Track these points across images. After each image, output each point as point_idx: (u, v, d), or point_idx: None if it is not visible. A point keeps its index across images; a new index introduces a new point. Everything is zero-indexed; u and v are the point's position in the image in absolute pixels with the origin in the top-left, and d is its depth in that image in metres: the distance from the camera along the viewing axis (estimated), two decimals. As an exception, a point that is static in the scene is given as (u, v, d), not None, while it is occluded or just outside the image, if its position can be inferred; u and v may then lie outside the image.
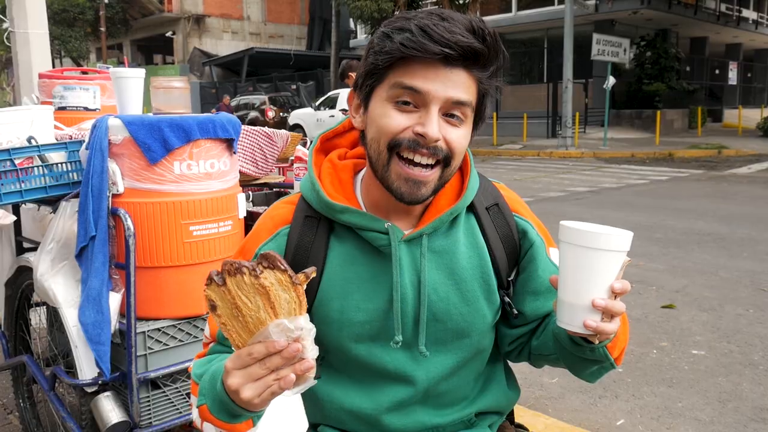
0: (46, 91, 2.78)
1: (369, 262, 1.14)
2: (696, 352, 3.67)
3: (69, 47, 30.46)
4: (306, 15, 35.55)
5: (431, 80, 1.03)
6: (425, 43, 1.00)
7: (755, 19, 28.62)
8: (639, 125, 21.56)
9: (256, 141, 2.48)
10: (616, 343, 1.10)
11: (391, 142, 1.06)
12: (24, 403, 2.60)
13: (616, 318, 1.00)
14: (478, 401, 1.26)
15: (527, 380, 3.31)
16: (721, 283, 5.00)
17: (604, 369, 1.15)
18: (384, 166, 1.08)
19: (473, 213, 1.20)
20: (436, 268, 1.15)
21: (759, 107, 26.25)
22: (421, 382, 1.17)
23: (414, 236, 1.13)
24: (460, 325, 1.16)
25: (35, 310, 2.53)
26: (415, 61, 1.03)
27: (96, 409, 1.93)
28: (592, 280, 0.97)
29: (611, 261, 0.97)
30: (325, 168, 1.19)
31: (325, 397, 1.20)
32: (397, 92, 1.05)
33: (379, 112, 1.07)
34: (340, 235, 1.16)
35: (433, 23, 1.01)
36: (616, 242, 0.96)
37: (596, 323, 0.97)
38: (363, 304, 1.13)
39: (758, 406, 3.02)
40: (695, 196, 9.53)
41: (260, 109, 20.84)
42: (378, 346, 1.15)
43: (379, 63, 1.05)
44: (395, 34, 1.03)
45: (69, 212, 1.99)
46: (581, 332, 1.00)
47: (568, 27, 16.86)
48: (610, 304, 0.97)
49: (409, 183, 1.06)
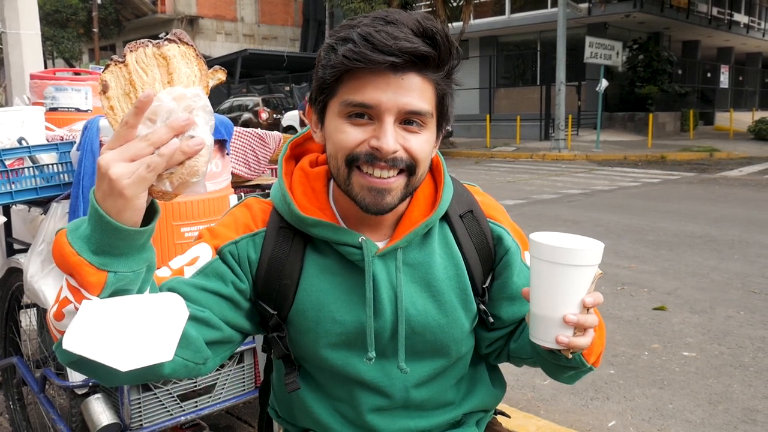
0: (38, 91, 2.77)
1: (347, 274, 1.11)
2: (687, 354, 3.69)
3: (61, 48, 30.35)
4: (300, 16, 35.54)
5: (382, 90, 0.98)
6: (368, 53, 0.96)
7: (746, 23, 28.82)
8: (631, 128, 21.65)
9: (248, 142, 2.48)
10: (593, 350, 1.08)
11: (348, 157, 1.02)
12: (14, 405, 2.59)
13: (589, 331, 0.98)
14: (465, 404, 1.25)
15: (519, 382, 3.32)
16: (712, 285, 5.02)
17: (582, 372, 1.14)
18: (345, 180, 1.04)
19: (447, 222, 1.17)
20: (412, 281, 1.13)
21: (750, 110, 26.45)
22: (398, 392, 1.15)
23: (388, 250, 1.10)
24: (438, 336, 1.14)
25: (25, 312, 2.52)
26: (363, 72, 0.98)
27: (86, 411, 1.92)
28: (564, 295, 0.95)
29: (583, 276, 0.95)
30: (297, 177, 1.15)
31: (311, 403, 1.19)
32: (347, 109, 1.01)
33: (333, 127, 1.04)
34: (317, 246, 1.13)
35: (376, 30, 0.97)
36: (587, 257, 0.94)
37: (568, 339, 0.96)
38: (339, 316, 1.11)
39: (748, 408, 3.04)
40: (687, 199, 9.57)
41: (254, 110, 20.79)
42: (354, 356, 1.13)
43: (327, 77, 1.01)
44: (339, 45, 0.99)
45: (60, 213, 1.99)
46: (554, 347, 0.98)
47: (561, 30, 16.92)
48: (582, 319, 0.95)
49: (372, 192, 1.03)
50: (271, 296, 1.12)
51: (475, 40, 24.68)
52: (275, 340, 1.14)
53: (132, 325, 0.80)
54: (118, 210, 0.78)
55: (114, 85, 0.79)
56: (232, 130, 2.15)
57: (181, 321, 0.86)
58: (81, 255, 0.82)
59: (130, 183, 0.75)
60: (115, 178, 0.75)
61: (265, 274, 1.11)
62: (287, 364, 1.17)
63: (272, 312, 1.12)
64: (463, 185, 1.24)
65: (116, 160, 0.75)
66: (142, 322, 0.81)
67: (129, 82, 0.78)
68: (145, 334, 0.81)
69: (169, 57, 0.78)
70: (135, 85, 0.77)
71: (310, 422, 1.22)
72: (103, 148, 0.77)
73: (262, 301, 1.12)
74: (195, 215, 2.00)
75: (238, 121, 19.06)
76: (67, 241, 0.83)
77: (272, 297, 1.12)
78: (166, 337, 0.82)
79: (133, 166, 0.75)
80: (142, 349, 0.79)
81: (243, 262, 1.11)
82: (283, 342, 1.14)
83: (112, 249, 0.82)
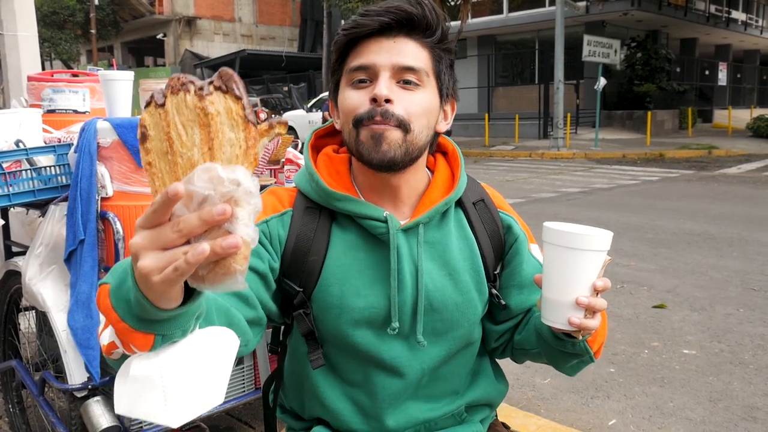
0: (35, 93, 2.76)
1: (370, 250, 1.16)
2: (687, 352, 3.69)
3: (59, 49, 30.31)
4: (297, 17, 35.51)
5: (375, 53, 1.09)
6: (360, 20, 1.10)
7: (744, 20, 28.83)
8: (630, 126, 21.66)
9: (246, 143, 2.48)
10: (596, 338, 1.14)
11: (354, 119, 1.10)
12: (13, 409, 2.59)
13: (598, 314, 1.05)
14: (468, 394, 1.27)
15: (519, 381, 3.32)
16: (712, 283, 5.02)
17: (583, 363, 1.18)
18: (354, 141, 1.11)
19: (461, 208, 1.24)
20: (431, 258, 1.17)
21: (748, 108, 26.46)
22: (414, 373, 1.18)
23: (411, 225, 1.15)
24: (454, 315, 1.18)
25: (24, 315, 2.52)
26: (360, 43, 1.11)
27: (86, 414, 1.92)
28: (576, 279, 1.02)
29: (593, 260, 1.02)
30: (321, 161, 1.22)
31: (324, 388, 1.20)
32: (351, 75, 1.12)
33: (342, 97, 1.14)
34: (342, 223, 1.17)
35: (371, 7, 1.11)
36: (598, 242, 1.01)
37: (580, 320, 1.02)
38: (363, 290, 1.14)
39: (748, 405, 3.04)
40: (686, 197, 9.58)
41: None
42: (375, 335, 1.16)
43: (334, 58, 1.15)
44: (343, 25, 1.13)
45: (58, 216, 1.98)
46: (566, 329, 1.04)
47: (559, 28, 16.92)
48: (593, 302, 1.01)
49: (372, 140, 1.09)
50: (298, 274, 1.16)
51: (473, 39, 24.68)
52: (301, 317, 1.17)
53: (182, 376, 0.76)
54: (153, 297, 0.71)
55: (153, 134, 0.67)
56: (230, 131, 2.15)
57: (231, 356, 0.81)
58: (125, 322, 0.76)
59: (158, 281, 0.67)
60: (144, 273, 0.67)
61: (292, 252, 1.16)
62: (311, 342, 1.19)
63: (298, 289, 1.16)
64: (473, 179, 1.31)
65: (146, 249, 0.67)
66: (192, 371, 0.77)
67: (167, 137, 0.66)
68: (196, 382, 0.76)
69: (212, 115, 0.64)
70: (173, 146, 0.66)
71: (320, 410, 1.23)
72: (137, 223, 0.68)
73: (288, 279, 1.16)
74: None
75: (237, 122, 19.03)
76: (111, 306, 0.77)
77: (298, 274, 1.16)
78: (217, 381, 0.77)
79: (162, 263, 0.66)
80: (193, 400, 0.75)
81: (274, 240, 1.16)
82: (309, 318, 1.17)
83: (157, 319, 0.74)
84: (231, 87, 0.64)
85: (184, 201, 0.63)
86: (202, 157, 0.64)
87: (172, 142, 0.65)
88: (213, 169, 0.62)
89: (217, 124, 0.64)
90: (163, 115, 0.66)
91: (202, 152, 0.64)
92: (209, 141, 0.64)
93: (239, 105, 0.64)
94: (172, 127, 0.65)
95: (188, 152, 0.65)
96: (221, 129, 0.64)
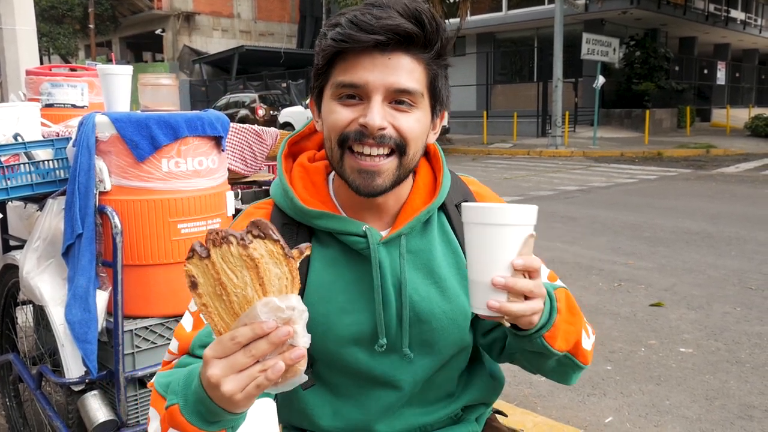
0: (34, 88, 2.76)
1: (352, 265, 1.12)
2: (684, 350, 3.70)
3: (57, 44, 30.23)
4: (296, 13, 35.46)
5: (369, 70, 1.00)
6: (353, 33, 0.99)
7: (743, 19, 28.84)
8: (628, 124, 21.67)
9: (245, 139, 2.47)
10: (557, 333, 1.04)
11: (340, 137, 1.04)
12: (10, 402, 2.59)
13: (533, 301, 0.94)
14: (464, 396, 1.25)
15: (516, 378, 3.32)
16: (709, 282, 5.03)
17: (565, 366, 1.12)
18: (338, 162, 1.06)
19: (444, 211, 1.19)
20: (415, 268, 1.13)
21: (747, 107, 26.45)
22: (407, 386, 1.15)
23: (392, 237, 1.11)
24: (443, 323, 1.15)
25: (21, 309, 2.52)
26: (351, 54, 1.01)
27: (83, 407, 1.92)
28: (494, 258, 0.92)
29: (511, 236, 0.91)
30: (296, 172, 1.16)
31: (316, 408, 1.18)
32: (339, 90, 1.03)
33: (327, 110, 1.07)
34: (321, 239, 1.13)
35: (362, 13, 1.00)
36: (514, 215, 0.92)
37: (499, 303, 0.90)
38: (348, 305, 1.11)
39: (745, 404, 3.05)
40: (684, 195, 9.59)
41: (250, 107, 20.77)
42: (363, 351, 1.13)
43: (320, 63, 1.05)
44: (329, 31, 1.02)
45: (56, 210, 1.98)
46: (487, 314, 0.92)
47: (558, 26, 16.91)
48: (511, 282, 0.90)
49: (362, 175, 1.04)
50: None
51: (472, 36, 24.65)
52: None
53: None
54: (232, 408, 0.82)
55: (202, 281, 0.77)
56: (229, 126, 2.14)
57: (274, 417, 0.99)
58: (201, 428, 0.87)
59: (242, 397, 0.79)
60: (228, 395, 0.79)
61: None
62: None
63: None
64: (458, 176, 1.25)
65: (225, 377, 0.78)
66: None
67: (218, 282, 0.77)
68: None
69: (257, 259, 0.75)
70: (226, 288, 0.76)
71: (308, 425, 1.20)
72: (209, 355, 0.79)
73: None
74: (192, 212, 1.99)
75: (235, 118, 19.04)
76: (187, 421, 0.87)
77: None
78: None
79: (242, 381, 0.78)
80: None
81: None
82: None
83: (230, 419, 0.87)
84: (268, 233, 0.76)
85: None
86: (256, 293, 0.76)
87: (225, 286, 0.76)
88: (271, 301, 0.76)
89: (263, 265, 0.75)
90: (210, 266, 0.76)
91: (255, 289, 0.76)
92: (259, 279, 0.75)
93: (278, 246, 0.76)
94: (222, 274, 0.76)
95: (242, 291, 0.76)
96: (267, 268, 0.76)
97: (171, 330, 2.03)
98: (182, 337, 1.05)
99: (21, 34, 5.14)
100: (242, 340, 0.77)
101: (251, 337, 0.76)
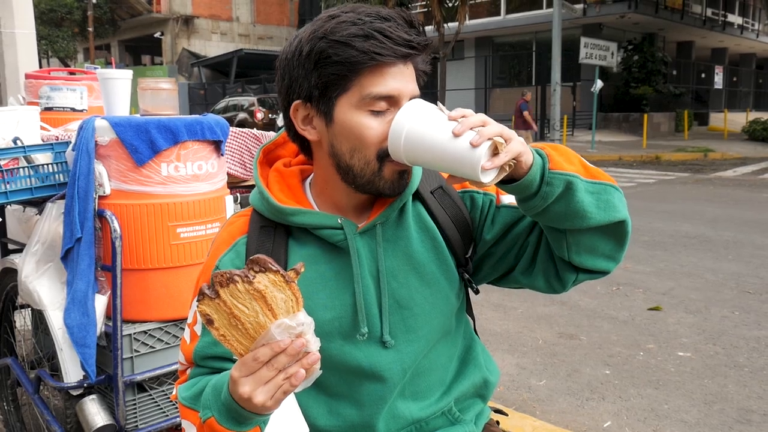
0: (33, 91, 2.76)
1: (330, 260, 1.14)
2: (682, 354, 3.70)
3: (56, 47, 30.24)
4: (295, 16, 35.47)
5: (398, 80, 1.05)
6: (393, 47, 1.02)
7: (740, 24, 28.93)
8: (626, 128, 21.70)
9: (244, 142, 2.48)
10: (558, 160, 1.05)
11: (380, 151, 1.05)
12: (8, 407, 2.58)
13: (510, 141, 0.95)
14: (455, 387, 1.26)
15: (515, 383, 3.33)
16: (707, 286, 5.04)
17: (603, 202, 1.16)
18: (375, 173, 1.07)
19: (419, 200, 1.21)
20: (393, 255, 1.16)
21: (744, 111, 26.52)
22: (395, 374, 1.17)
23: (368, 227, 1.14)
24: (425, 308, 1.17)
25: (20, 313, 2.51)
26: (379, 65, 1.03)
27: (81, 412, 1.92)
28: (432, 133, 0.97)
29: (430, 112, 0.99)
30: (272, 177, 1.20)
31: (311, 408, 1.19)
32: (371, 102, 1.04)
33: (355, 122, 1.05)
34: (298, 238, 1.16)
35: (385, 25, 1.03)
36: (409, 106, 1.01)
37: (491, 161, 0.93)
38: (329, 301, 1.14)
39: (743, 408, 3.05)
40: (681, 199, 9.61)
41: (249, 110, 20.76)
42: (349, 344, 1.15)
43: (346, 73, 1.03)
44: (356, 41, 1.01)
45: (55, 214, 1.98)
46: (491, 176, 0.94)
47: (556, 30, 16.95)
48: (465, 121, 0.95)
49: (401, 175, 1.10)
50: None
51: (471, 40, 24.70)
52: None
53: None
54: (264, 412, 0.95)
55: (217, 317, 0.89)
56: (228, 130, 2.14)
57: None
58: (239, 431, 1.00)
59: (273, 403, 0.92)
60: (260, 405, 0.91)
61: None
62: None
63: None
64: None
65: (254, 390, 0.91)
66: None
67: (232, 316, 0.88)
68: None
69: (263, 290, 0.86)
70: (240, 319, 0.88)
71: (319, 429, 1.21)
72: (236, 375, 0.92)
73: None
74: (190, 216, 1.99)
75: (234, 121, 19.04)
76: (224, 428, 0.99)
77: None
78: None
79: (271, 391, 0.91)
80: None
81: None
82: None
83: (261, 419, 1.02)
84: (268, 266, 0.87)
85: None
86: (267, 318, 0.87)
87: (239, 317, 0.87)
88: (282, 323, 0.87)
89: (269, 293, 0.87)
90: (222, 304, 0.88)
91: (265, 315, 0.87)
92: (268, 306, 0.87)
93: (278, 275, 0.87)
94: (234, 308, 0.87)
95: (255, 318, 0.88)
96: (273, 295, 0.87)
97: (170, 334, 2.03)
98: (185, 351, 1.16)
99: (20, 38, 5.14)
100: (264, 359, 0.88)
101: (271, 355, 0.88)
